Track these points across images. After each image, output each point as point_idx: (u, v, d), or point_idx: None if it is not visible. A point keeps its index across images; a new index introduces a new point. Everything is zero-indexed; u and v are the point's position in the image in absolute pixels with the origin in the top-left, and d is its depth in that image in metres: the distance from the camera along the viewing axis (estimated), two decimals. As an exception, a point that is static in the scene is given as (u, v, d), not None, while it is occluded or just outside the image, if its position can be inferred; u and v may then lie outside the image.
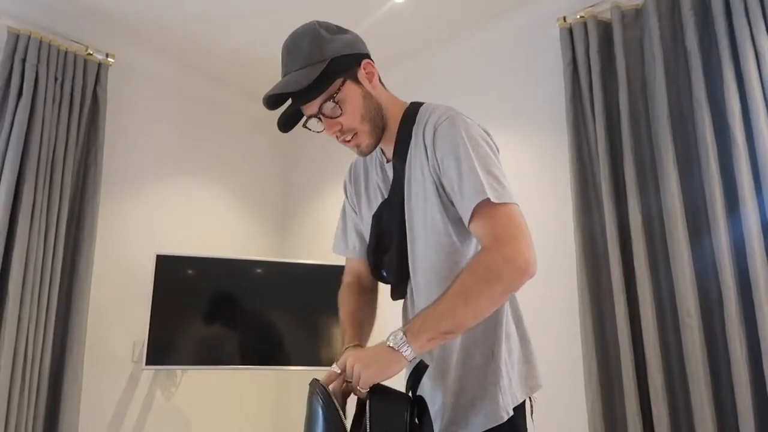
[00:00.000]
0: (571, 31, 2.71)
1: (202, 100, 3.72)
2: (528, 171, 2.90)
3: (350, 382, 1.11)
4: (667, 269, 2.28)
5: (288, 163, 4.06)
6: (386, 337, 1.10)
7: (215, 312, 3.10)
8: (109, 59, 3.09)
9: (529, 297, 2.65)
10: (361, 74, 1.29)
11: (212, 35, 3.24)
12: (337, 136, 1.30)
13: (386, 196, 1.36)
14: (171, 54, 3.43)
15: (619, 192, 2.45)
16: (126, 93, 3.29)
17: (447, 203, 1.25)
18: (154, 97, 3.46)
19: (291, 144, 4.11)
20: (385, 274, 1.41)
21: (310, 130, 1.34)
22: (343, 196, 1.54)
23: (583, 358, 2.40)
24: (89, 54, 3.01)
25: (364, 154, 1.33)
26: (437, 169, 1.24)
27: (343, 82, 1.25)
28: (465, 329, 1.15)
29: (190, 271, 3.07)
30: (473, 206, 1.17)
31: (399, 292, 1.39)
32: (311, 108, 1.27)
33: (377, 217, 1.38)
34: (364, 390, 1.07)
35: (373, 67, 1.31)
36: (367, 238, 1.43)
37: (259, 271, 3.23)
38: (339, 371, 1.12)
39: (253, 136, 3.98)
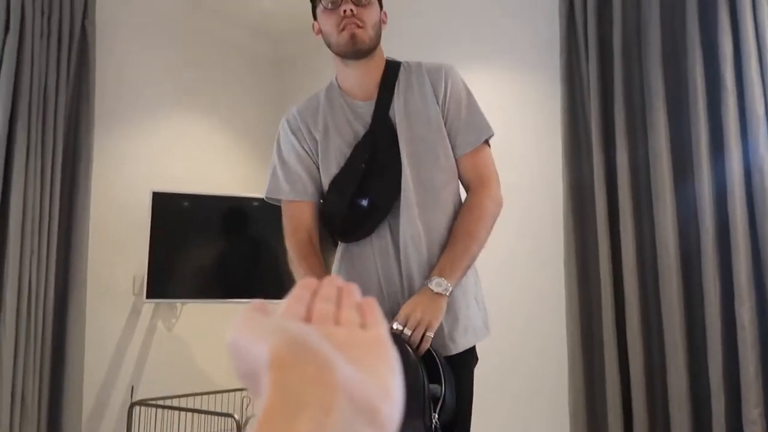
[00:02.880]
0: (567, -34, 2.64)
1: (198, 34, 3.64)
2: (519, 109, 2.90)
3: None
4: (650, 208, 2.34)
5: (287, 100, 4.01)
6: (429, 283, 1.32)
7: (213, 247, 3.18)
8: (95, -9, 3.02)
9: (517, 236, 2.74)
10: (381, 12, 1.50)
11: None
12: (346, 15, 1.39)
13: (367, 129, 1.47)
14: (159, -16, 3.34)
15: (609, 132, 2.48)
16: (116, 27, 3.22)
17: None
18: (146, 30, 3.38)
19: (290, 81, 4.07)
20: (364, 202, 1.44)
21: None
22: (290, 139, 1.54)
23: (565, 290, 2.50)
24: (75, -14, 2.94)
25: (357, 42, 1.41)
26: (446, 102, 1.48)
27: None
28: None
29: (186, 208, 3.13)
30: (483, 139, 1.48)
31: (373, 221, 1.44)
32: None
33: (362, 147, 1.46)
34: (429, 335, 1.26)
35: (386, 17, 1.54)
36: (329, 173, 1.49)
37: (255, 205, 3.29)
38: (401, 328, 1.26)
39: (251, 72, 3.93)
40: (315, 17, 1.50)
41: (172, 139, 3.45)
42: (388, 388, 0.31)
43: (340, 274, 1.48)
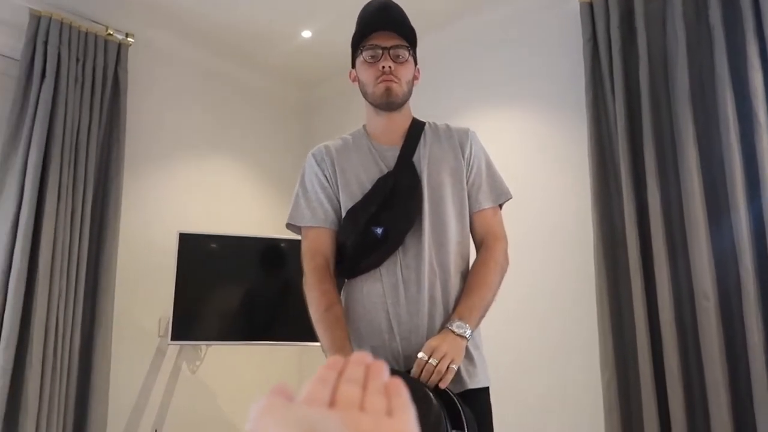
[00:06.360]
0: (591, 5, 2.64)
1: (223, 79, 3.73)
2: (546, 149, 2.86)
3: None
4: (685, 251, 2.26)
5: (311, 143, 4.06)
6: (450, 326, 1.37)
7: (239, 289, 3.17)
8: (128, 39, 3.12)
9: (547, 277, 2.67)
10: (415, 69, 1.60)
11: (232, 13, 3.24)
12: (384, 70, 1.50)
13: (390, 169, 1.54)
14: (191, 33, 3.44)
15: (638, 172, 2.42)
16: (147, 72, 3.32)
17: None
18: (174, 76, 3.48)
19: (315, 125, 4.12)
20: (379, 230, 1.48)
21: (361, 51, 1.54)
22: (314, 169, 1.60)
23: (599, 338, 2.41)
24: (109, 34, 3.04)
25: (391, 96, 1.52)
26: (470, 160, 1.59)
27: (414, 56, 1.58)
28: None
29: (212, 249, 3.14)
30: (502, 200, 1.61)
31: (384, 251, 1.47)
32: (393, 41, 1.51)
33: (383, 182, 1.52)
34: (454, 367, 1.30)
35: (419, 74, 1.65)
36: (348, 202, 1.54)
37: (282, 246, 3.29)
38: (426, 357, 1.30)
39: (276, 115, 4.00)
40: (353, 65, 1.59)
41: (200, 182, 3.50)
42: None
43: (347, 314, 1.51)
